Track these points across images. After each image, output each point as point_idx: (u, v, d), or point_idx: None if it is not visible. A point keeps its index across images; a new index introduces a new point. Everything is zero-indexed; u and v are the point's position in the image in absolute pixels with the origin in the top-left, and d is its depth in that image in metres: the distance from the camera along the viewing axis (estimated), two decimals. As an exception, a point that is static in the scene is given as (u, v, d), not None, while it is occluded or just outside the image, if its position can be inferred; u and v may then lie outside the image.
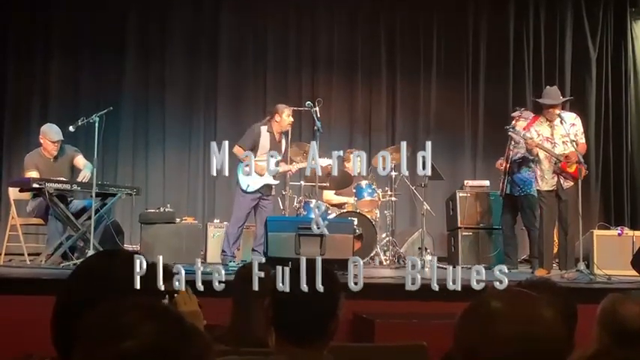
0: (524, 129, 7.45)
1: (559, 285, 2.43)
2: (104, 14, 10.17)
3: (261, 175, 7.60)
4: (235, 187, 7.90)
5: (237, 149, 7.63)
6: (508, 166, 7.88)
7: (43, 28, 10.21)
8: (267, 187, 7.76)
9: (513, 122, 7.83)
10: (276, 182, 7.79)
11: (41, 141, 7.63)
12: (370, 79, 10.87)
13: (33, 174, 7.42)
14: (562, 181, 7.26)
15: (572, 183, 7.26)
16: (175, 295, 2.18)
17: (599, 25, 10.98)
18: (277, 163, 7.61)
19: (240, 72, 10.57)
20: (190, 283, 2.53)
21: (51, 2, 10.20)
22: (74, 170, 7.71)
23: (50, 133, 7.53)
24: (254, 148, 7.67)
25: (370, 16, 10.84)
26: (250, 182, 7.64)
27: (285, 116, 7.74)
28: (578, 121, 7.41)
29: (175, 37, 10.49)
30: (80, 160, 7.64)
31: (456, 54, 10.91)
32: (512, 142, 7.87)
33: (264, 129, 7.77)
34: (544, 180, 7.34)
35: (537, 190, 7.38)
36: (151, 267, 1.97)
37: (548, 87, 7.76)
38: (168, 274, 2.69)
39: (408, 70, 10.90)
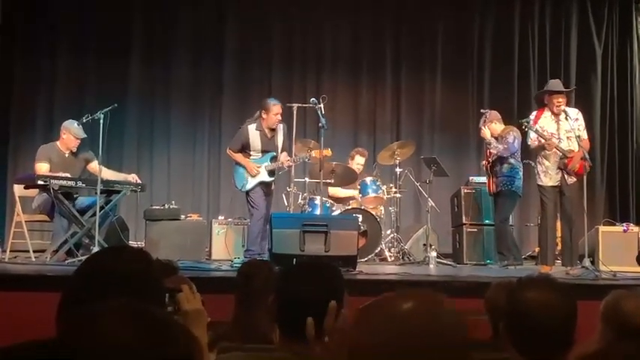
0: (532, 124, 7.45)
1: (559, 281, 2.43)
2: (110, 14, 10.18)
3: (253, 176, 7.64)
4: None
5: (229, 152, 7.88)
6: (490, 165, 7.95)
7: (49, 28, 10.21)
8: (266, 186, 7.72)
9: (482, 124, 7.92)
10: (271, 179, 7.72)
11: (63, 136, 7.66)
12: (375, 78, 10.86)
13: (44, 166, 7.47)
14: (566, 177, 7.25)
15: (576, 179, 7.25)
16: (178, 293, 2.17)
17: (605, 21, 10.95)
18: (273, 159, 7.63)
19: (245, 70, 10.57)
20: (194, 280, 2.54)
21: (57, 2, 10.20)
22: (84, 172, 7.78)
23: (76, 130, 7.59)
24: (244, 148, 7.71)
25: (375, 14, 10.82)
26: (244, 181, 7.68)
27: (272, 114, 7.61)
28: (580, 116, 7.41)
29: (181, 36, 10.49)
30: (95, 166, 7.59)
31: (460, 52, 10.89)
32: (486, 143, 7.99)
33: (252, 128, 7.71)
34: (548, 175, 7.32)
35: (540, 185, 7.37)
36: (156, 263, 1.97)
37: (551, 80, 7.78)
38: (172, 270, 2.71)
39: (412, 67, 10.89)
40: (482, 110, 8.11)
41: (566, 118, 7.24)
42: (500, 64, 10.86)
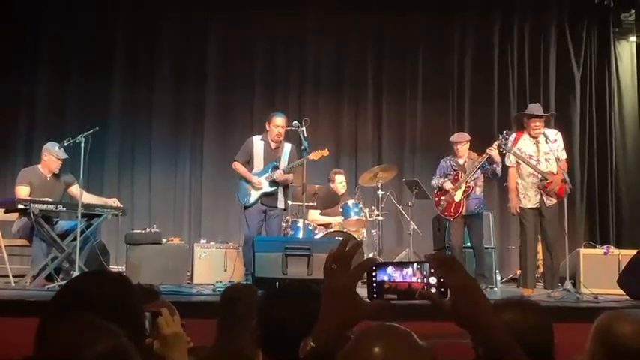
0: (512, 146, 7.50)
1: (533, 303, 2.44)
2: (91, 37, 10.17)
3: (258, 189, 7.63)
4: (240, 206, 7.92)
5: (235, 165, 7.83)
6: (469, 187, 7.90)
7: (30, 51, 10.17)
8: (268, 198, 7.68)
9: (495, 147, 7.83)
10: (273, 189, 7.66)
11: (45, 158, 7.64)
12: (356, 100, 10.90)
13: (24, 189, 7.43)
14: (545, 199, 7.31)
15: (555, 201, 7.31)
16: (158, 316, 2.16)
17: (583, 45, 11.08)
18: (274, 168, 7.62)
19: (228, 93, 10.57)
20: (176, 304, 2.52)
21: (39, 25, 10.17)
22: (65, 195, 7.73)
23: (57, 151, 7.59)
24: (250, 160, 7.76)
25: (356, 38, 10.88)
26: (247, 196, 7.66)
27: (272, 125, 7.72)
28: (559, 137, 7.48)
29: (163, 59, 10.49)
30: (76, 190, 7.57)
31: (440, 75, 10.97)
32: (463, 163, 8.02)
33: (257, 139, 7.84)
34: (527, 198, 7.38)
35: (520, 207, 7.42)
36: (136, 288, 1.96)
37: (531, 104, 7.84)
38: (153, 295, 2.69)
39: (393, 90, 10.94)
40: (505, 132, 7.75)
41: (546, 141, 7.31)
42: (480, 87, 10.95)
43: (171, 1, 10.53)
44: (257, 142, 7.80)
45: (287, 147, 7.87)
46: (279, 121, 7.71)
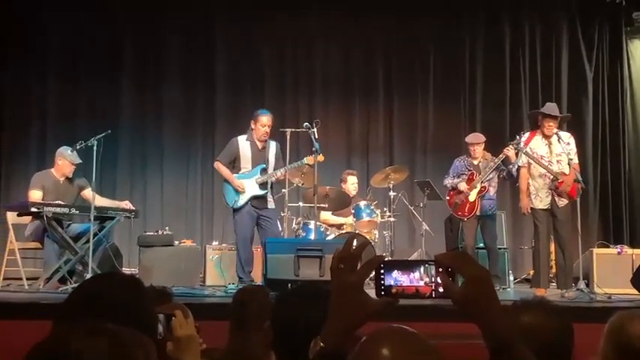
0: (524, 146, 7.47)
1: (553, 304, 2.42)
2: (100, 40, 10.21)
3: (243, 192, 7.49)
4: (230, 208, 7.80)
5: (217, 165, 7.69)
6: (484, 187, 7.89)
7: (40, 54, 10.23)
8: (259, 200, 7.54)
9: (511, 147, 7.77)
10: (264, 192, 7.50)
11: (59, 162, 7.71)
12: (368, 101, 10.89)
13: (37, 193, 7.48)
14: (557, 200, 7.27)
15: (567, 201, 7.27)
16: (172, 318, 2.16)
17: (595, 44, 11.02)
18: (264, 171, 7.53)
19: (238, 95, 10.58)
20: (189, 306, 2.52)
21: (44, 28, 10.22)
22: (78, 199, 7.78)
23: (72, 156, 7.64)
24: (234, 161, 7.61)
25: (366, 38, 10.87)
26: (236, 198, 7.52)
27: (259, 124, 7.52)
28: (572, 141, 7.45)
29: (173, 62, 10.52)
30: (89, 193, 7.62)
31: (452, 75, 10.94)
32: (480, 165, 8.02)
33: (242, 139, 7.64)
34: (538, 198, 7.34)
35: (532, 208, 7.39)
36: (149, 290, 1.97)
37: (548, 103, 7.80)
38: (166, 297, 2.69)
39: (405, 91, 10.92)
40: (521, 132, 7.82)
41: (558, 141, 7.28)
42: (492, 87, 10.91)
43: (178, 3, 10.54)
44: (243, 143, 7.61)
45: (272, 145, 7.70)
46: (265, 120, 7.53)
